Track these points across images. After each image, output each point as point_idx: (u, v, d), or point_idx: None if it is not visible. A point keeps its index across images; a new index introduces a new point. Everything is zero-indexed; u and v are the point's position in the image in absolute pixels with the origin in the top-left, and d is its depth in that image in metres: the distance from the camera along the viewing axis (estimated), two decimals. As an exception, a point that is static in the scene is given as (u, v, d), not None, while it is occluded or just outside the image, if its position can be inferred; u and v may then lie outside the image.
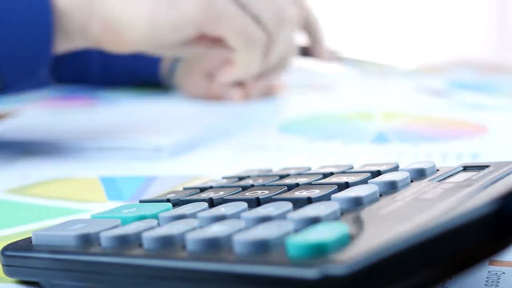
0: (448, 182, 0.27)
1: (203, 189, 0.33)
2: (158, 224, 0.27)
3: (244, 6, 0.51)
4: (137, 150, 0.51)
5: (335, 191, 0.28)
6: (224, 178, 0.36)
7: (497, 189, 0.23)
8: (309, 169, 0.35)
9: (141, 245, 0.25)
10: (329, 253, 0.20)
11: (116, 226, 0.27)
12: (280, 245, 0.22)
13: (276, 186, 0.30)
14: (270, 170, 0.37)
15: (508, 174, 0.27)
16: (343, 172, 0.32)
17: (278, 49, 0.53)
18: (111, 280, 0.25)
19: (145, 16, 0.50)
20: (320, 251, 0.21)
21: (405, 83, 0.86)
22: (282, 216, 0.25)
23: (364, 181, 0.29)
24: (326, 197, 0.27)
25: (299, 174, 0.33)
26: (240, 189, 0.31)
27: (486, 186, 0.25)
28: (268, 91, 0.76)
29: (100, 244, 0.26)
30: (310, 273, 0.20)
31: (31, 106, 0.76)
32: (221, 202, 0.29)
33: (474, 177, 0.27)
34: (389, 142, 0.53)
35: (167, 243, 0.25)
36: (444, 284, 0.26)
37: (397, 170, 0.31)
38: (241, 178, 0.35)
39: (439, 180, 0.28)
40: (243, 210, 0.27)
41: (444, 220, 0.21)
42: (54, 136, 0.57)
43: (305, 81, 0.92)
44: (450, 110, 0.67)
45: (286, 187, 0.30)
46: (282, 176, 0.33)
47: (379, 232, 0.21)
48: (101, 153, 0.52)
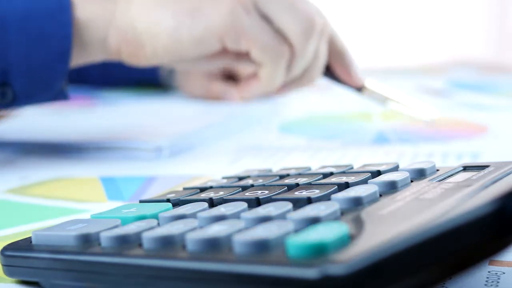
0: (448, 182, 0.27)
1: (203, 189, 0.33)
2: (158, 224, 0.27)
3: (271, 20, 0.49)
4: (137, 150, 0.51)
5: (335, 191, 0.28)
6: (224, 178, 0.36)
7: (497, 189, 0.23)
8: (309, 169, 0.35)
9: (141, 245, 0.25)
10: (329, 253, 0.20)
11: (116, 226, 0.27)
12: (280, 245, 0.22)
13: (276, 186, 0.30)
14: (270, 170, 0.37)
15: (508, 174, 0.27)
16: (343, 172, 0.32)
17: (303, 62, 0.51)
18: (111, 280, 0.25)
19: (168, 28, 0.48)
20: (320, 251, 0.21)
21: (405, 83, 0.87)
22: (282, 216, 0.25)
23: (364, 181, 0.29)
24: (326, 197, 0.27)
25: (299, 174, 0.33)
26: (240, 189, 0.31)
27: (486, 186, 0.25)
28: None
29: (100, 244, 0.26)
30: (310, 273, 0.20)
31: (31, 106, 0.76)
32: (221, 202, 0.29)
33: (474, 177, 0.27)
34: (389, 142, 0.53)
35: (167, 243, 0.25)
36: (444, 284, 0.26)
37: (397, 170, 0.31)
38: (241, 178, 0.35)
39: (439, 180, 0.28)
40: (243, 210, 0.27)
41: (444, 220, 0.21)
42: (54, 136, 0.57)
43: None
44: (450, 110, 0.67)
45: (286, 187, 0.30)
46: (282, 176, 0.33)
47: (379, 232, 0.21)
48: (101, 153, 0.52)
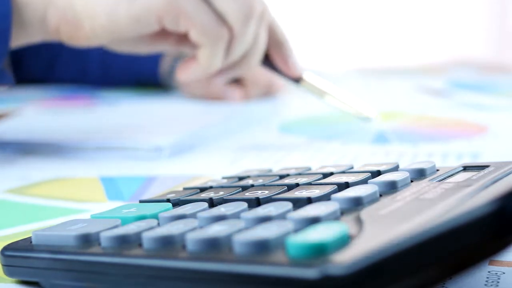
0: (448, 182, 0.27)
1: (203, 189, 0.33)
2: (158, 224, 0.27)
3: (210, 2, 0.49)
4: (137, 150, 0.51)
5: (335, 191, 0.28)
6: (224, 178, 0.36)
7: (497, 189, 0.23)
8: (309, 169, 0.35)
9: (141, 245, 0.25)
10: (329, 253, 0.20)
11: (116, 226, 0.27)
12: (280, 245, 0.22)
13: (276, 186, 0.30)
14: (270, 170, 0.37)
15: (508, 174, 0.27)
16: (343, 172, 0.32)
17: (242, 46, 0.51)
18: (111, 280, 0.25)
19: (106, 8, 0.48)
20: (320, 251, 0.21)
21: (405, 83, 0.87)
22: (282, 216, 0.25)
23: (364, 181, 0.29)
24: (326, 197, 0.27)
25: (299, 174, 0.33)
26: (240, 189, 0.31)
27: (486, 186, 0.25)
28: (268, 91, 0.76)
29: (100, 244, 0.26)
30: (310, 273, 0.20)
31: (31, 106, 0.76)
32: (221, 202, 0.29)
33: (474, 177, 0.27)
34: (389, 142, 0.53)
35: (167, 243, 0.25)
36: (444, 284, 0.26)
37: (397, 170, 0.31)
38: (241, 178, 0.35)
39: (439, 180, 0.28)
40: (243, 210, 0.27)
41: (444, 220, 0.21)
42: (54, 136, 0.57)
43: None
44: (450, 110, 0.67)
45: (286, 187, 0.30)
46: (282, 176, 0.33)
47: (379, 232, 0.21)
48: (101, 153, 0.52)
